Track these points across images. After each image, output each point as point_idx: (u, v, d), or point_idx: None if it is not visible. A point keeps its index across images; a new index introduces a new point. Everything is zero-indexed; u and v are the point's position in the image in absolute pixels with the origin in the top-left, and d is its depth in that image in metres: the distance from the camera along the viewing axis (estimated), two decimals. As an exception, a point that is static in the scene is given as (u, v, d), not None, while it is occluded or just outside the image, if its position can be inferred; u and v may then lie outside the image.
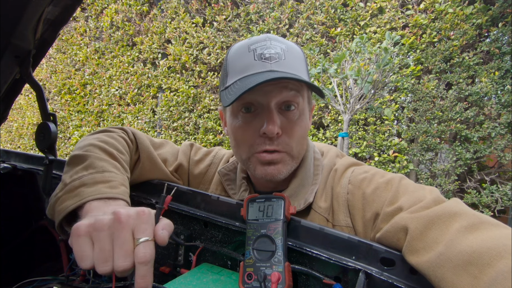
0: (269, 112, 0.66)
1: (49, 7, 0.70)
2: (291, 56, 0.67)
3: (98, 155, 0.66)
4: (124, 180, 0.65)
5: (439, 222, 0.49)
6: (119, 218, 0.45)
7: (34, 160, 1.03)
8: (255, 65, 0.65)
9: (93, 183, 0.59)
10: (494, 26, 3.01)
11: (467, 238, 0.44)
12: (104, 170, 0.63)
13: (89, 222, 0.46)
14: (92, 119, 5.86)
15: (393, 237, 0.54)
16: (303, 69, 0.70)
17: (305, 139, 0.73)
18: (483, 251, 0.41)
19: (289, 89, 0.66)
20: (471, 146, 3.08)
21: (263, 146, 0.68)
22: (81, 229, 0.46)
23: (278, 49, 0.67)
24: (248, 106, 0.68)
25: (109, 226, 0.45)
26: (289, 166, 0.71)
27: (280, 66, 0.65)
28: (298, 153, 0.72)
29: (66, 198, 0.58)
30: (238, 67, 0.68)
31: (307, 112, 0.74)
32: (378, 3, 3.45)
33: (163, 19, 4.87)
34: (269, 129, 0.64)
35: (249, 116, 0.69)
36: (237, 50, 0.70)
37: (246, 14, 4.20)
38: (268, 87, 0.65)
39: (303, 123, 0.71)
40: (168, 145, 0.90)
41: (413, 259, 0.48)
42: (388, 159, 3.42)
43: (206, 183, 0.88)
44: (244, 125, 0.69)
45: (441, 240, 0.47)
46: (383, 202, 0.63)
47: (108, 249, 0.45)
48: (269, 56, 0.65)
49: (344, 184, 0.70)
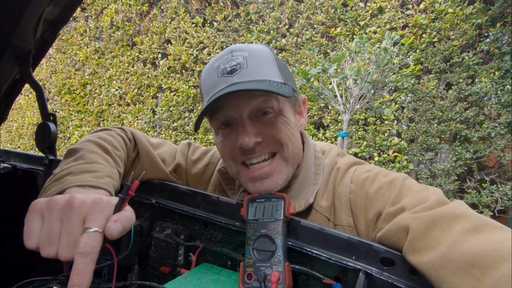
0: (242, 125, 0.67)
1: (49, 7, 0.70)
2: (255, 62, 0.66)
3: (90, 148, 0.67)
4: (113, 172, 0.65)
5: (442, 223, 0.49)
6: (72, 202, 0.43)
7: (34, 160, 1.03)
8: (219, 82, 0.66)
9: (79, 172, 0.59)
10: (493, 27, 3.01)
11: (470, 240, 0.44)
12: (93, 161, 0.63)
13: (45, 199, 0.45)
14: (92, 119, 5.86)
15: (394, 236, 0.54)
16: (272, 70, 0.68)
17: (295, 137, 0.71)
18: (486, 253, 0.40)
19: (258, 96, 0.66)
20: (471, 146, 3.08)
21: (244, 156, 0.68)
22: (36, 205, 0.44)
23: (240, 58, 0.66)
24: (227, 122, 0.70)
25: (61, 207, 0.43)
26: (284, 174, 0.69)
27: (242, 76, 0.64)
28: (292, 153, 0.70)
29: (51, 186, 0.58)
30: (207, 87, 0.69)
31: (289, 111, 0.71)
32: (378, 3, 3.45)
33: (163, 19, 4.87)
34: (243, 142, 0.65)
35: (228, 130, 0.70)
36: (206, 71, 0.71)
37: (246, 14, 4.20)
38: (236, 100, 0.65)
39: (286, 122, 0.69)
40: (166, 144, 0.90)
41: (414, 259, 0.48)
42: (388, 159, 3.42)
43: (204, 183, 0.88)
44: (224, 141, 0.71)
45: (443, 241, 0.47)
46: (386, 201, 0.63)
47: (56, 232, 0.42)
48: (230, 70, 0.65)
49: (347, 183, 0.70)
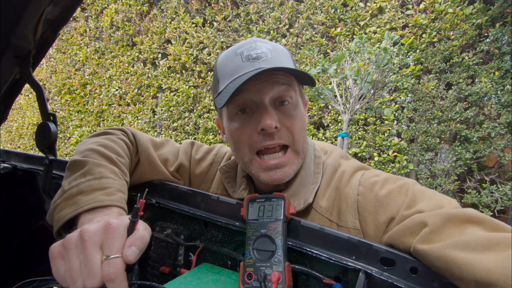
0: (265, 108, 0.67)
1: (49, 7, 0.70)
2: (277, 54, 0.70)
3: (96, 161, 0.66)
4: (122, 185, 0.66)
5: (457, 222, 0.50)
6: (83, 236, 0.44)
7: (34, 160, 1.03)
8: (244, 66, 0.67)
9: (90, 190, 0.60)
10: (493, 27, 3.01)
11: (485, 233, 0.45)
12: (101, 176, 0.63)
13: (60, 242, 0.47)
14: (92, 119, 5.86)
15: (407, 230, 0.54)
16: (291, 65, 0.72)
17: (305, 132, 0.74)
18: (501, 239, 0.42)
19: (281, 84, 0.68)
20: (471, 146, 3.08)
21: (263, 142, 0.68)
22: (53, 251, 0.46)
23: (264, 49, 0.69)
24: (243, 107, 0.70)
25: (76, 245, 0.45)
26: (295, 165, 0.72)
27: (267, 63, 0.67)
28: (302, 147, 0.72)
29: (64, 205, 0.59)
30: (228, 71, 0.69)
31: (301, 105, 0.75)
32: (378, 3, 3.45)
33: (163, 19, 4.87)
34: (267, 124, 0.65)
35: (245, 117, 0.70)
36: (225, 56, 0.72)
37: (246, 14, 4.20)
38: (260, 84, 0.66)
39: (299, 116, 0.72)
40: (169, 144, 0.90)
41: (421, 246, 0.48)
42: (388, 159, 3.42)
43: (208, 182, 0.88)
44: (241, 127, 0.70)
45: (455, 236, 0.47)
46: (399, 205, 0.62)
47: (76, 269, 0.44)
48: (256, 56, 0.67)
49: (354, 185, 0.69)
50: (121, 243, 0.45)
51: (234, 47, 0.72)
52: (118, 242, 0.45)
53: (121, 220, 0.47)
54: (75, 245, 0.45)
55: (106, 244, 0.44)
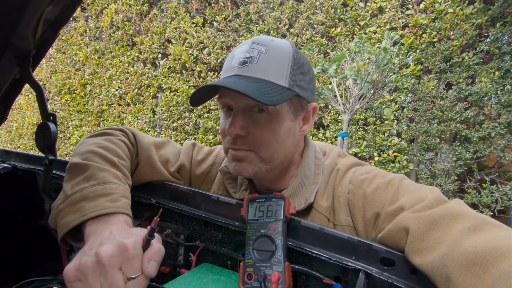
0: (235, 114, 0.69)
1: (49, 7, 0.70)
2: (267, 60, 0.66)
3: (99, 165, 0.66)
4: (125, 190, 0.65)
5: (442, 223, 0.49)
6: (101, 260, 0.45)
7: (34, 160, 1.03)
8: (229, 69, 0.69)
9: (94, 197, 0.59)
10: (493, 27, 3.01)
11: (471, 239, 0.44)
12: (105, 181, 0.63)
13: (74, 265, 0.47)
14: (92, 119, 5.86)
15: (395, 236, 0.55)
16: (281, 71, 0.66)
17: (280, 144, 0.70)
18: (486, 251, 0.41)
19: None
20: (471, 146, 3.08)
21: (229, 143, 0.71)
22: (69, 274, 0.46)
23: (255, 52, 0.67)
24: (226, 106, 0.72)
25: (93, 270, 0.45)
26: (256, 167, 0.70)
27: (247, 70, 0.66)
28: (270, 156, 0.69)
29: (68, 211, 0.59)
30: (224, 68, 0.72)
31: (288, 113, 0.70)
32: (378, 3, 3.45)
33: (163, 19, 4.87)
34: (229, 130, 0.68)
35: (227, 114, 0.73)
36: (231, 53, 0.73)
37: (246, 14, 4.20)
38: (234, 92, 0.65)
39: (275, 127, 0.68)
40: (170, 144, 0.90)
41: (416, 260, 0.48)
42: (388, 159, 3.42)
43: (208, 183, 0.88)
44: (223, 122, 0.74)
45: (444, 241, 0.47)
46: (383, 201, 0.63)
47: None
48: (242, 61, 0.67)
49: (345, 184, 0.71)
50: (139, 261, 0.47)
51: (238, 46, 0.72)
52: (137, 263, 0.46)
53: (135, 238, 0.48)
54: (93, 269, 0.45)
55: (127, 267, 0.46)
